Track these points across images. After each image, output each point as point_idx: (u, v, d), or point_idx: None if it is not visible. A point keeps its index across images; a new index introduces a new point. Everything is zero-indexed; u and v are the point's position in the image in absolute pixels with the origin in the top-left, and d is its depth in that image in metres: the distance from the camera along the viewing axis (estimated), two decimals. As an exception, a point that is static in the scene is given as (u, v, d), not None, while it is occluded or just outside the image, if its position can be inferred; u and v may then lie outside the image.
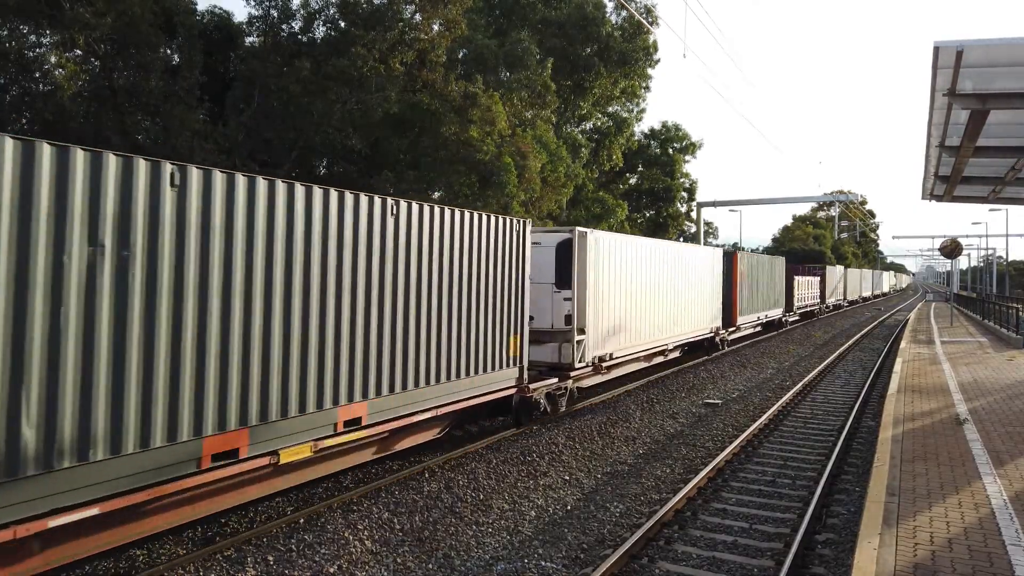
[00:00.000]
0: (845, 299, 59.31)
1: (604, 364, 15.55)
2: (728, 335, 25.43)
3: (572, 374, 14.26)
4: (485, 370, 11.52)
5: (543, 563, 7.71)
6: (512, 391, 12.32)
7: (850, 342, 31.86)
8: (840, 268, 58.89)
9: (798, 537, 7.98)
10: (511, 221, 12.27)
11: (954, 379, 16.86)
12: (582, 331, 14.36)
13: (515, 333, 12.28)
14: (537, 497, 9.87)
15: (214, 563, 7.36)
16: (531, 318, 13.23)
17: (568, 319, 14.18)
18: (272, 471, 8.14)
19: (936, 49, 8.61)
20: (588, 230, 14.96)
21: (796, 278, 38.62)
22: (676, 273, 19.61)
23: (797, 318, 39.82)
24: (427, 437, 10.95)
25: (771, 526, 8.81)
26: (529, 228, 12.82)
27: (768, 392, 18.52)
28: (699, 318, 21.86)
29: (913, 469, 9.06)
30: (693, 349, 22.77)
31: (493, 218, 11.76)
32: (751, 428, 13.48)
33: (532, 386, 12.78)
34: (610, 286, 15.63)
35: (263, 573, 7.24)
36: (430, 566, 7.62)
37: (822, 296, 46.54)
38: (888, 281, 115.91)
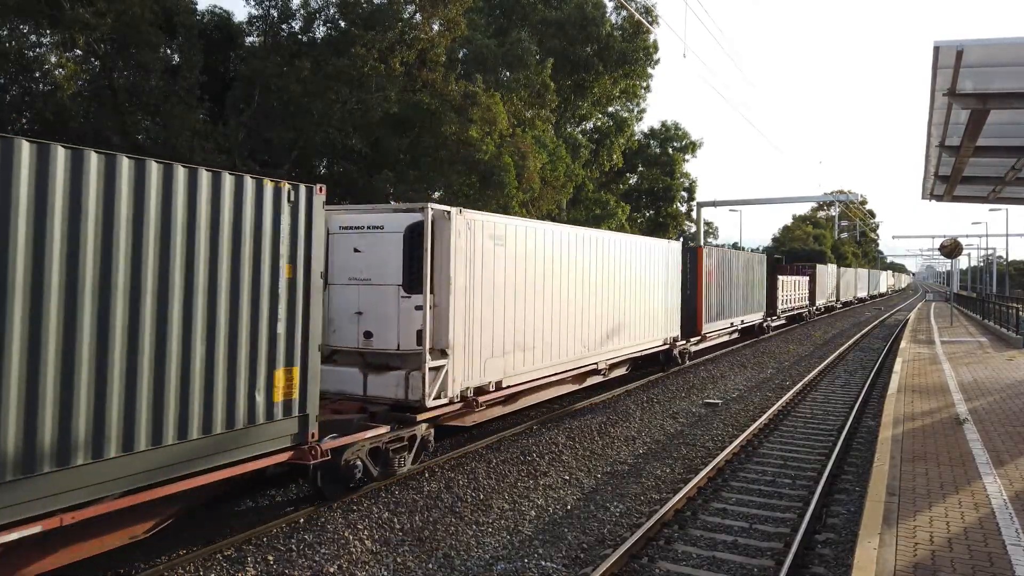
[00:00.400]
0: (838, 300, 55.77)
1: (495, 393, 11.67)
2: (691, 346, 21.92)
3: (424, 416, 10.14)
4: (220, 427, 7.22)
5: (543, 563, 7.71)
6: (285, 456, 7.97)
7: (849, 342, 31.85)
8: (832, 267, 55.80)
9: (798, 537, 7.98)
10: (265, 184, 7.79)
11: (954, 379, 16.86)
12: (443, 353, 10.32)
13: (286, 364, 7.90)
14: (537, 497, 9.87)
15: (214, 563, 7.36)
16: (368, 334, 10.23)
17: (420, 336, 9.98)
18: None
19: (936, 49, 8.60)
20: (456, 209, 10.64)
21: (780, 278, 35.12)
22: (612, 272, 15.88)
23: (783, 322, 37.10)
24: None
25: (771, 526, 8.81)
26: (304, 196, 8.14)
27: (768, 392, 18.52)
28: (648, 327, 18.06)
29: (913, 469, 9.06)
30: (646, 364, 19.34)
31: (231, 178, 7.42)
32: (751, 428, 13.48)
33: (326, 445, 8.40)
34: (499, 288, 11.66)
35: (263, 573, 7.24)
36: (430, 566, 7.62)
37: (811, 297, 43.32)
38: (885, 281, 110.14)
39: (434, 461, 10.97)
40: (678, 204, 44.30)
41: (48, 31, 19.74)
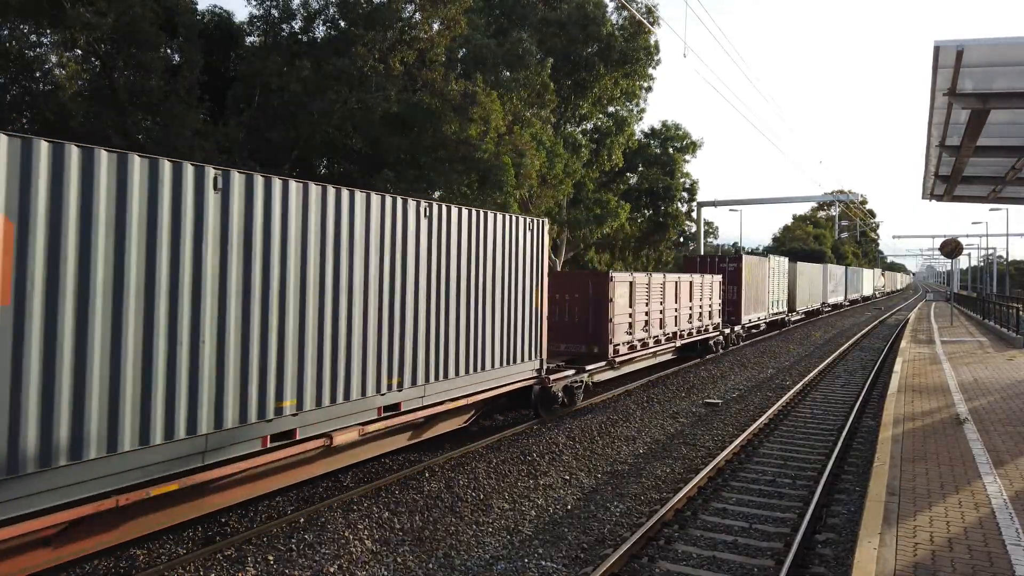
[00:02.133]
0: (792, 310, 38.39)
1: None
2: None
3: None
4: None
5: (543, 563, 7.71)
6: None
7: (848, 343, 31.84)
8: (781, 262, 36.12)
9: (798, 537, 7.99)
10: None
11: (954, 379, 16.85)
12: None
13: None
14: (537, 497, 9.87)
15: (214, 563, 7.37)
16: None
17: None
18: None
19: (936, 49, 8.60)
20: None
21: (669, 282, 20.00)
22: None
23: (656, 362, 20.53)
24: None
25: (771, 526, 8.81)
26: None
27: (768, 392, 18.52)
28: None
29: (913, 469, 9.06)
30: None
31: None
32: (751, 428, 13.48)
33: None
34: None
35: (263, 573, 7.24)
36: (430, 566, 7.62)
37: (734, 310, 27.50)
38: (871, 282, 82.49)
39: (434, 461, 10.98)
40: (678, 204, 44.25)
41: (49, 31, 19.75)
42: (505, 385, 12.37)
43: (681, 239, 53.64)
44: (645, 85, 36.42)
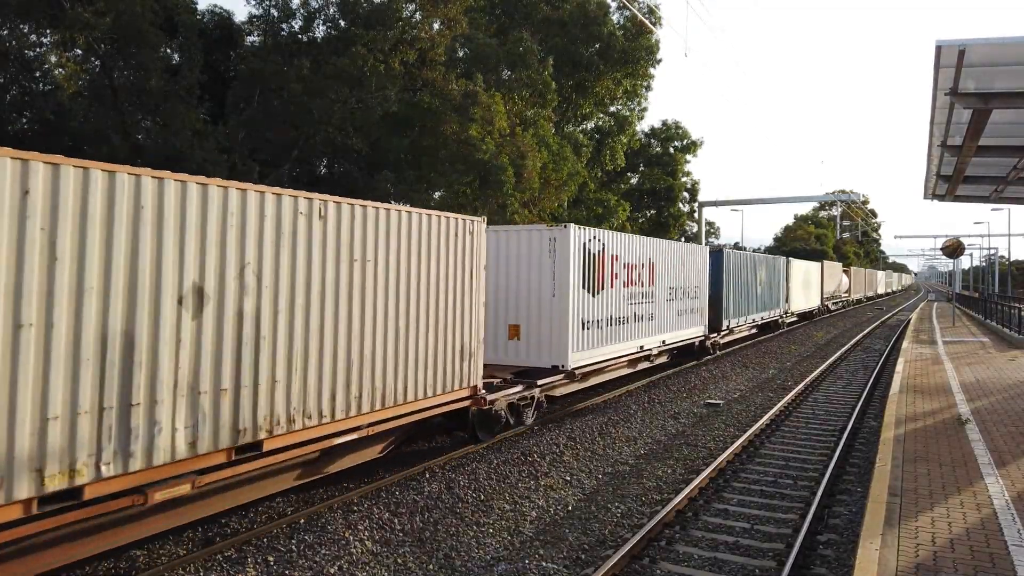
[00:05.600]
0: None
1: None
2: None
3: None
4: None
5: (544, 564, 7.69)
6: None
7: (850, 343, 31.79)
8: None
9: (800, 537, 7.96)
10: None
11: (956, 379, 16.82)
12: None
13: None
14: (538, 498, 9.84)
15: (214, 563, 7.34)
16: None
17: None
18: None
19: (938, 48, 8.58)
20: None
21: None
22: None
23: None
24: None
25: (773, 526, 8.78)
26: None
27: (770, 392, 18.49)
28: None
29: (915, 469, 9.03)
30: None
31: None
32: (753, 428, 13.45)
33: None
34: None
35: (263, 573, 7.22)
36: (431, 567, 7.60)
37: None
38: (836, 279, 53.09)
39: (434, 461, 10.95)
40: (680, 204, 44.24)
41: (48, 30, 19.75)
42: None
43: (683, 239, 53.64)
44: (645, 84, 36.43)
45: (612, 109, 37.23)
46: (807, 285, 40.23)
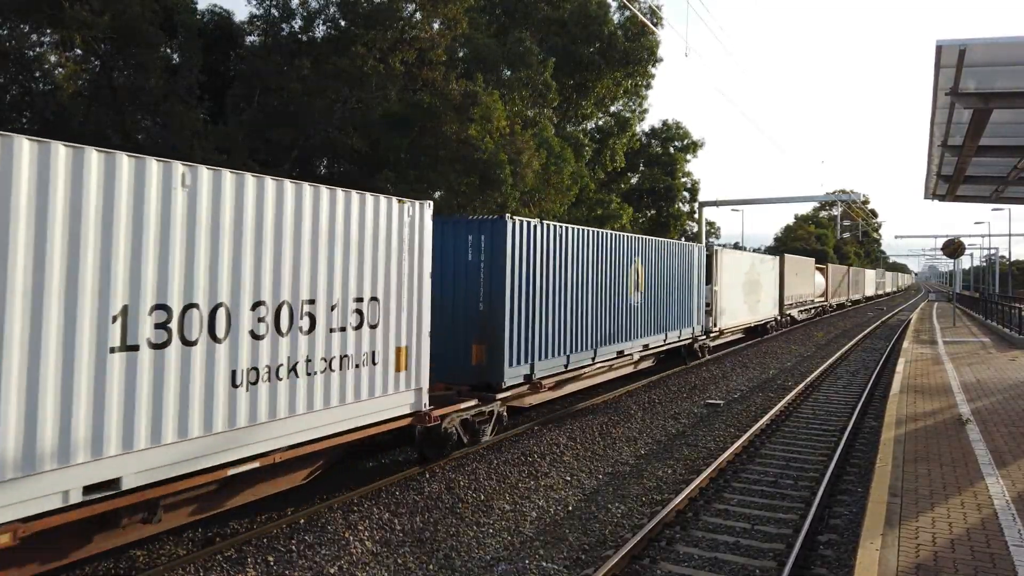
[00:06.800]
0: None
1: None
2: None
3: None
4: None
5: (544, 564, 7.68)
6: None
7: (851, 342, 31.77)
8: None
9: (800, 537, 7.95)
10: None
11: (957, 379, 16.81)
12: None
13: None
14: (538, 498, 9.84)
15: (214, 564, 7.34)
16: None
17: None
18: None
19: (939, 48, 8.57)
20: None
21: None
22: None
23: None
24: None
25: (773, 527, 8.77)
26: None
27: (771, 392, 18.48)
28: None
29: (916, 470, 9.02)
30: None
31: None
32: (753, 428, 13.45)
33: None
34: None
35: (263, 574, 7.22)
36: (431, 567, 7.59)
37: None
38: (805, 279, 42.01)
39: (434, 462, 10.93)
40: (680, 204, 44.20)
41: (48, 30, 19.73)
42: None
43: (683, 239, 53.59)
44: (645, 84, 36.40)
45: (613, 109, 37.21)
46: (754, 288, 29.01)
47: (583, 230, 14.77)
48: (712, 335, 23.79)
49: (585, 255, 14.71)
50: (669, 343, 19.63)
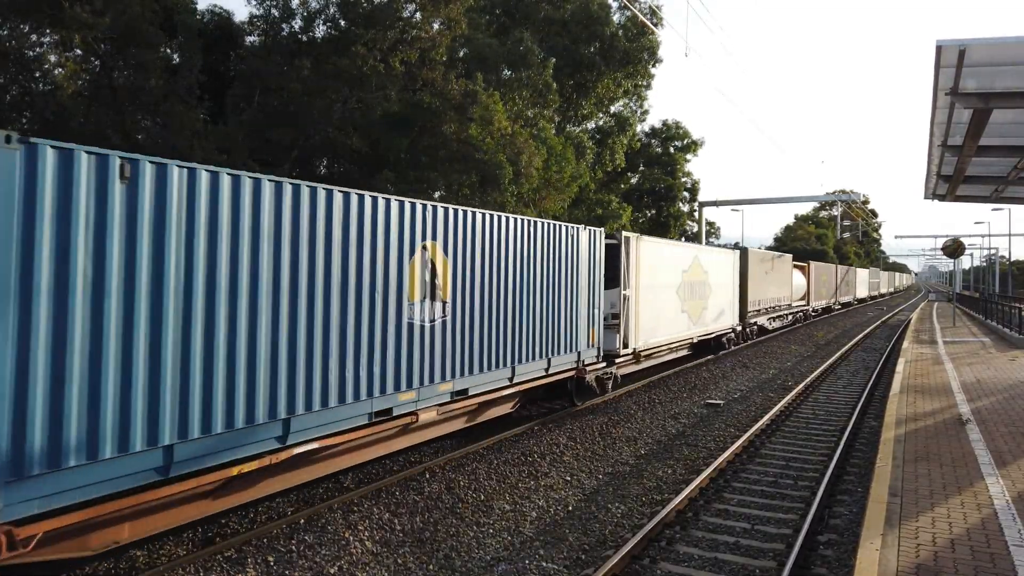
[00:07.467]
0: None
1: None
2: None
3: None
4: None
5: (544, 564, 7.68)
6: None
7: (851, 342, 31.75)
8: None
9: (800, 537, 7.95)
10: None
11: (957, 379, 16.81)
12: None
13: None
14: (538, 498, 9.84)
15: (214, 564, 7.34)
16: None
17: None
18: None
19: (939, 48, 8.56)
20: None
21: None
22: None
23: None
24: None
25: (773, 527, 8.77)
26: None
27: (771, 392, 18.48)
28: None
29: (916, 470, 9.02)
30: None
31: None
32: (753, 428, 13.44)
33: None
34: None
35: (263, 574, 7.22)
36: (431, 567, 7.59)
37: None
38: (778, 280, 34.28)
39: (434, 462, 10.94)
40: (680, 204, 44.21)
41: (48, 30, 19.74)
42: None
43: (683, 239, 53.62)
44: (645, 84, 36.41)
45: (613, 109, 37.22)
46: (697, 290, 22.08)
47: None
48: (623, 359, 16.73)
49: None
50: (525, 380, 12.62)
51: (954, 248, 36.19)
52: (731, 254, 27.21)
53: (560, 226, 13.59)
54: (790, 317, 37.91)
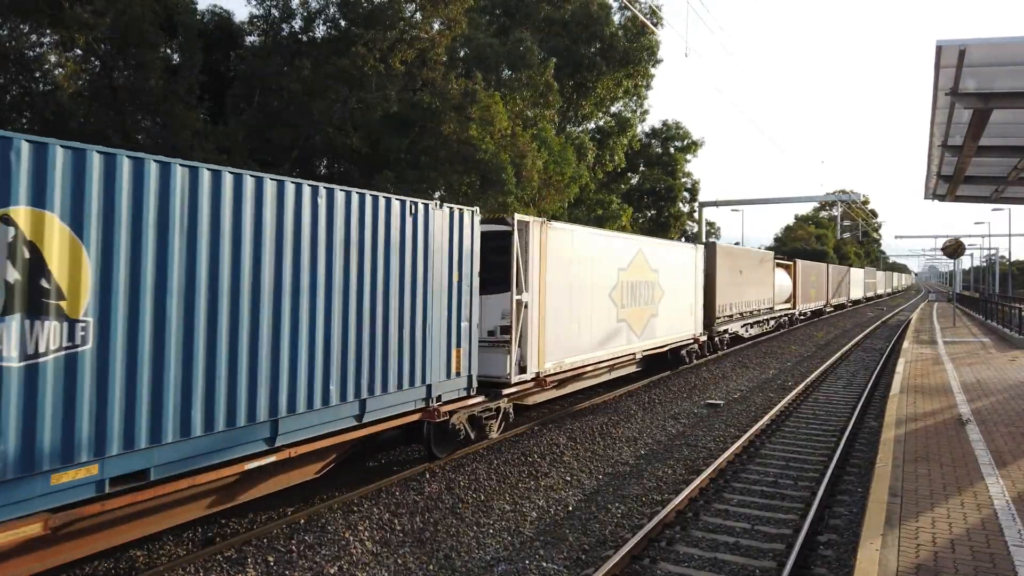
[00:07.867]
0: None
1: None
2: None
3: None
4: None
5: (544, 564, 7.68)
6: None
7: (852, 342, 31.75)
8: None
9: (800, 538, 7.95)
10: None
11: (957, 379, 16.80)
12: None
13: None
14: (538, 498, 9.84)
15: (214, 564, 7.34)
16: None
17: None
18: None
19: (939, 48, 8.56)
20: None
21: None
22: None
23: None
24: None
25: (773, 527, 8.77)
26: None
27: (771, 392, 18.48)
28: None
29: (916, 470, 9.02)
30: None
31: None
32: (753, 428, 13.44)
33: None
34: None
35: (263, 574, 7.22)
36: (431, 567, 7.59)
37: None
38: (759, 280, 30.09)
39: (434, 462, 10.94)
40: (680, 204, 44.21)
41: (48, 30, 19.74)
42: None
43: (683, 239, 53.62)
44: (645, 84, 36.42)
45: (613, 110, 37.22)
46: (645, 292, 17.73)
47: None
48: (518, 388, 12.45)
49: None
50: (297, 442, 8.27)
51: (954, 248, 36.19)
52: (691, 249, 21.98)
53: (389, 200, 9.35)
54: (772, 323, 33.48)
